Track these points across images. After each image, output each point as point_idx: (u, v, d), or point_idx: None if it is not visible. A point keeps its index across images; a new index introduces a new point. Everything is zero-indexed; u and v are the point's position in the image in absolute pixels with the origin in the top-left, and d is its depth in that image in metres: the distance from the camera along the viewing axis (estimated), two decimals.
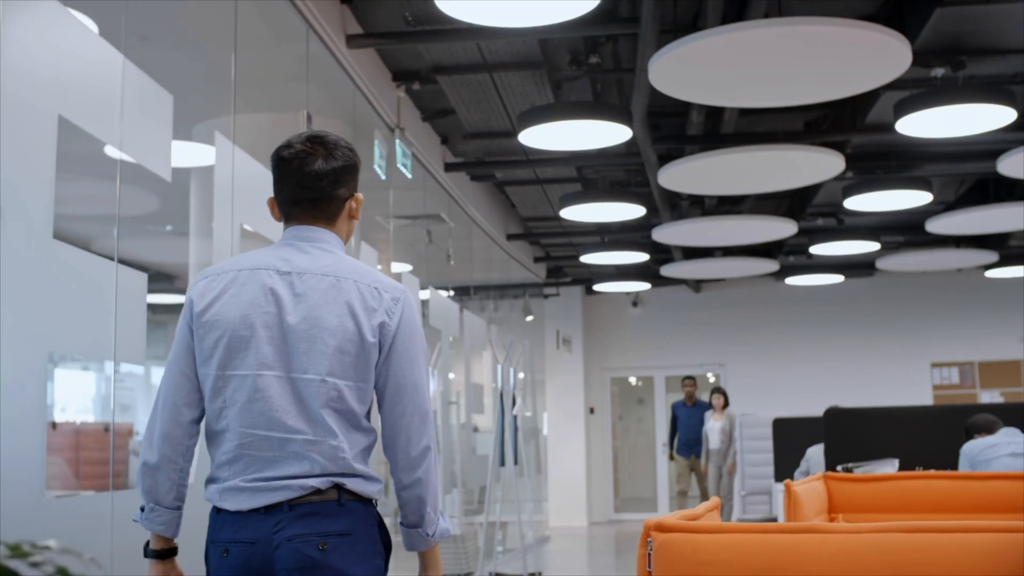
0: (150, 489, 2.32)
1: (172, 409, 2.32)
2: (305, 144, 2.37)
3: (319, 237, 2.37)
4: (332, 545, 2.22)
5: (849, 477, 4.85)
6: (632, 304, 16.04)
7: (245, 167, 4.41)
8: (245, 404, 2.26)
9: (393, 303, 2.33)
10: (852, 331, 15.46)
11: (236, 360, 2.28)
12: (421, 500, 2.35)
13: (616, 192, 8.86)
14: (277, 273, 2.32)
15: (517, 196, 10.18)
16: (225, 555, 2.25)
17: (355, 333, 2.28)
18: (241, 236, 4.28)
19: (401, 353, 2.33)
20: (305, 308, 2.29)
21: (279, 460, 2.24)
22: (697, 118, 7.85)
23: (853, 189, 8.74)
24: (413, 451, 2.33)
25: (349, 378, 2.28)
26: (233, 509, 2.25)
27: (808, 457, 8.62)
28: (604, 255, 11.14)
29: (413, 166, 7.87)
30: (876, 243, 10.95)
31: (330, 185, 2.36)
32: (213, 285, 2.34)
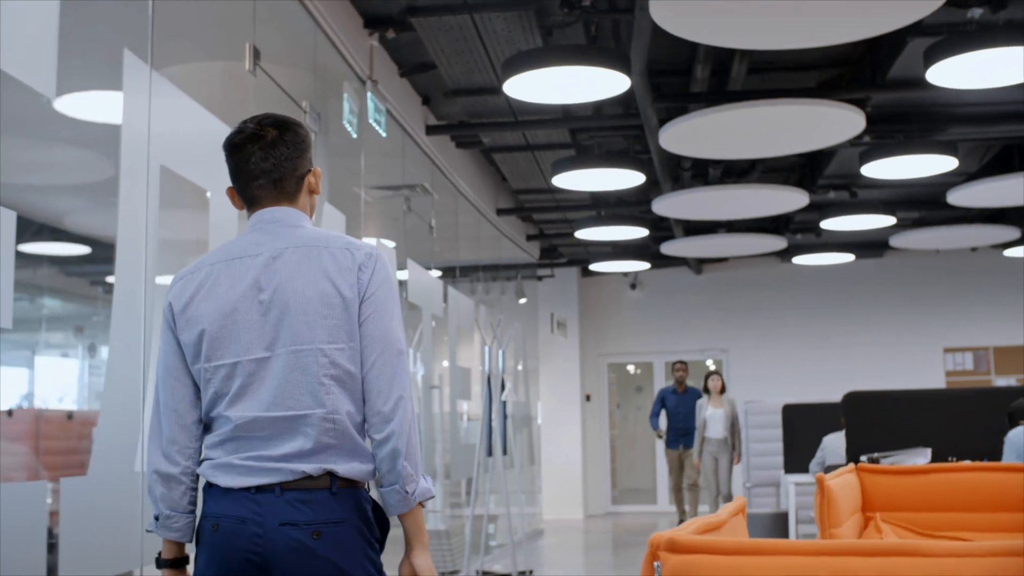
0: (163, 497, 2.34)
1: (173, 414, 2.34)
2: (256, 127, 2.37)
3: (283, 216, 2.38)
4: (326, 533, 2.21)
5: (884, 470, 4.15)
6: (630, 286, 15.32)
7: (166, 99, 3.68)
8: (237, 391, 2.27)
9: (366, 258, 2.33)
10: (861, 314, 14.76)
11: (221, 350, 2.29)
12: (395, 452, 2.27)
13: (613, 158, 8.12)
14: (250, 258, 2.33)
15: (507, 165, 9.43)
16: (215, 529, 2.24)
17: (335, 295, 2.28)
18: (160, 178, 3.55)
19: (371, 306, 2.32)
20: (279, 284, 2.29)
21: (273, 438, 2.25)
22: (702, 74, 7.13)
23: (871, 154, 8.02)
24: (386, 404, 2.29)
25: (339, 340, 2.28)
26: (224, 485, 2.24)
27: (824, 446, 7.93)
28: (601, 230, 10.40)
29: (390, 128, 7.15)
30: (892, 217, 10.21)
31: (287, 162, 2.37)
32: (188, 284, 2.36)
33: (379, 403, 2.30)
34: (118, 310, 3.24)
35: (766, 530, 8.80)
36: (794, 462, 8.79)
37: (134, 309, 3.34)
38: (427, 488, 2.32)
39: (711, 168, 9.54)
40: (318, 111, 5.52)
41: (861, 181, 10.33)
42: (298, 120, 2.45)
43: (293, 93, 5.31)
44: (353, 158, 6.71)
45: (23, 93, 2.89)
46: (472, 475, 8.69)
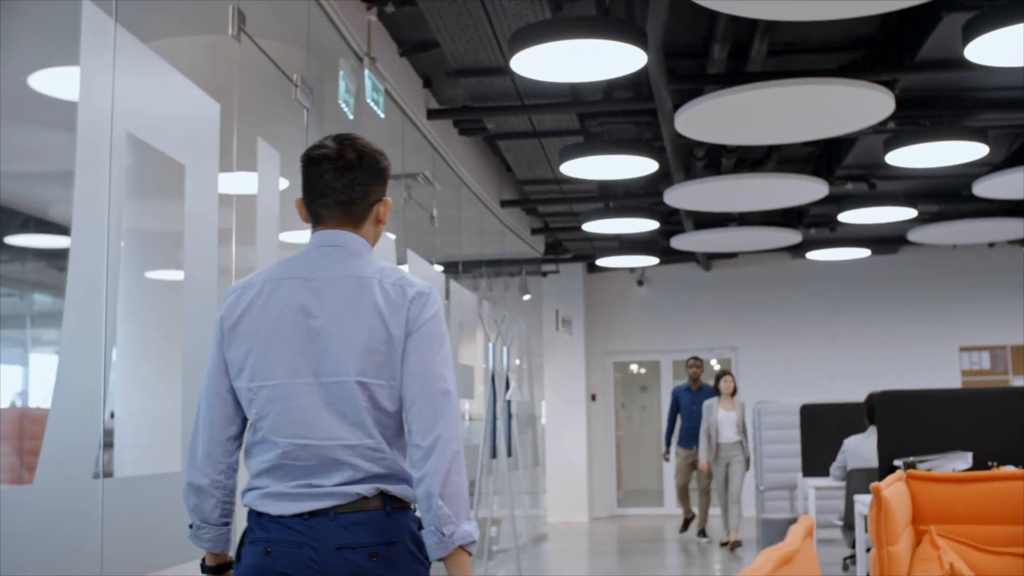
0: (195, 507, 2.36)
1: (210, 428, 2.35)
2: (336, 146, 2.36)
3: (345, 242, 2.37)
4: (382, 555, 2.22)
5: (935, 477, 3.73)
6: (637, 283, 14.91)
7: (133, 57, 3.27)
8: (279, 414, 2.27)
9: (417, 295, 2.31)
10: (874, 312, 14.35)
11: (265, 370, 2.29)
12: (429, 493, 2.23)
13: (624, 145, 7.71)
14: (303, 281, 2.32)
15: (512, 153, 9.01)
16: (267, 552, 2.23)
17: (383, 331, 2.27)
18: (128, 145, 3.14)
19: (419, 342, 2.30)
20: (331, 312, 2.28)
21: (319, 468, 2.25)
22: (719, 54, 6.73)
23: (897, 141, 7.59)
24: (424, 441, 2.25)
25: (381, 377, 2.27)
26: (275, 513, 2.24)
27: (845, 449, 7.52)
28: (608, 223, 9.98)
29: (389, 112, 6.74)
30: (912, 210, 9.79)
31: (359, 187, 2.36)
32: (240, 299, 2.35)
33: (417, 439, 2.27)
34: (72, 304, 2.83)
35: (783, 537, 8.37)
36: (812, 465, 8.39)
37: (92, 302, 2.92)
38: (468, 532, 2.23)
39: (724, 158, 9.13)
40: (311, 86, 5.12)
41: (880, 172, 9.92)
42: (381, 149, 2.44)
43: (284, 66, 4.90)
44: None
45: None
46: (475, 477, 8.31)
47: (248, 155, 4.20)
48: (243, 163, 4.18)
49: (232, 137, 4.07)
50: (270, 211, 4.36)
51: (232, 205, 4.42)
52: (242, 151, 4.13)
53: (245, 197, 4.38)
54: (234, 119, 4.07)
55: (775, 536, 8.46)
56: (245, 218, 4.38)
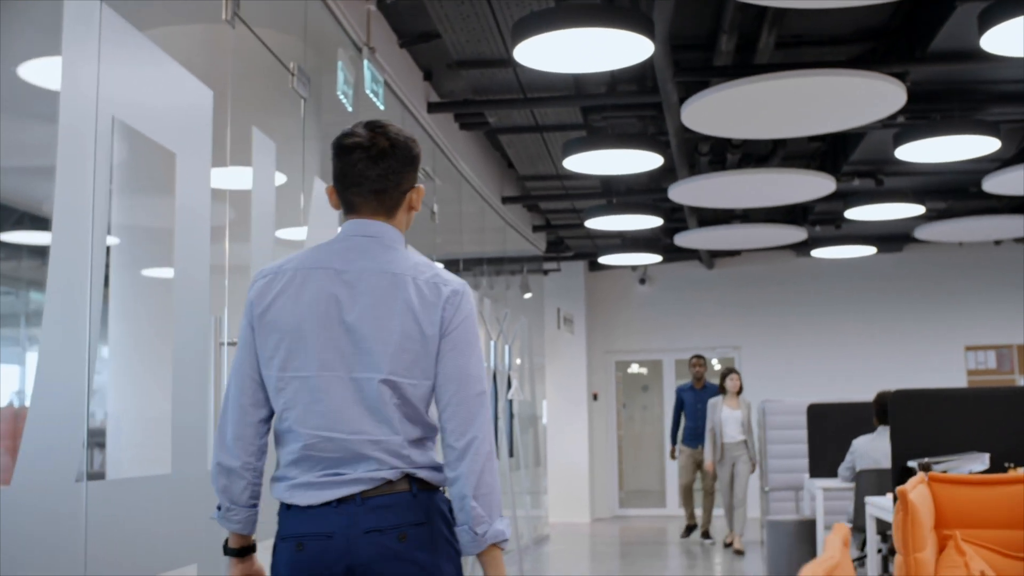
0: (225, 489, 2.36)
1: (240, 410, 2.34)
2: (367, 133, 2.35)
3: (379, 232, 2.36)
4: (411, 535, 2.22)
5: (956, 480, 3.58)
6: (639, 281, 14.75)
7: (120, 39, 3.11)
8: (307, 406, 2.27)
9: (453, 295, 2.31)
10: (878, 311, 14.19)
11: (297, 361, 2.28)
12: (463, 495, 2.26)
13: (629, 139, 7.55)
14: (335, 272, 2.31)
15: (514, 148, 8.86)
16: (300, 549, 2.24)
17: (415, 330, 2.27)
18: (114, 132, 2.99)
19: (453, 344, 2.31)
20: (364, 307, 2.28)
21: (345, 460, 2.26)
22: (727, 46, 6.58)
23: (906, 135, 7.44)
24: (458, 442, 2.27)
25: (411, 376, 2.27)
26: (304, 504, 2.25)
27: (854, 449, 7.36)
28: (611, 219, 9.82)
29: (389, 104, 6.59)
30: (920, 206, 9.64)
31: (392, 174, 2.35)
32: (272, 285, 2.34)
33: (451, 441, 2.29)
34: (53, 301, 2.67)
35: (790, 539, 8.23)
36: (820, 466, 8.23)
37: (74, 299, 2.76)
38: (500, 531, 2.27)
39: (729, 153, 8.99)
40: (308, 76, 4.96)
41: (888, 168, 9.78)
42: (413, 136, 2.42)
43: (280, 54, 4.75)
44: None
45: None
46: None
47: (243, 146, 4.05)
48: (237, 155, 4.02)
49: (226, 126, 3.92)
50: (265, 205, 4.21)
51: (225, 200, 4.28)
52: (236, 141, 3.98)
53: (239, 192, 4.23)
54: (227, 107, 3.92)
55: (782, 538, 8.31)
56: (240, 213, 4.24)
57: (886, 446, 7.20)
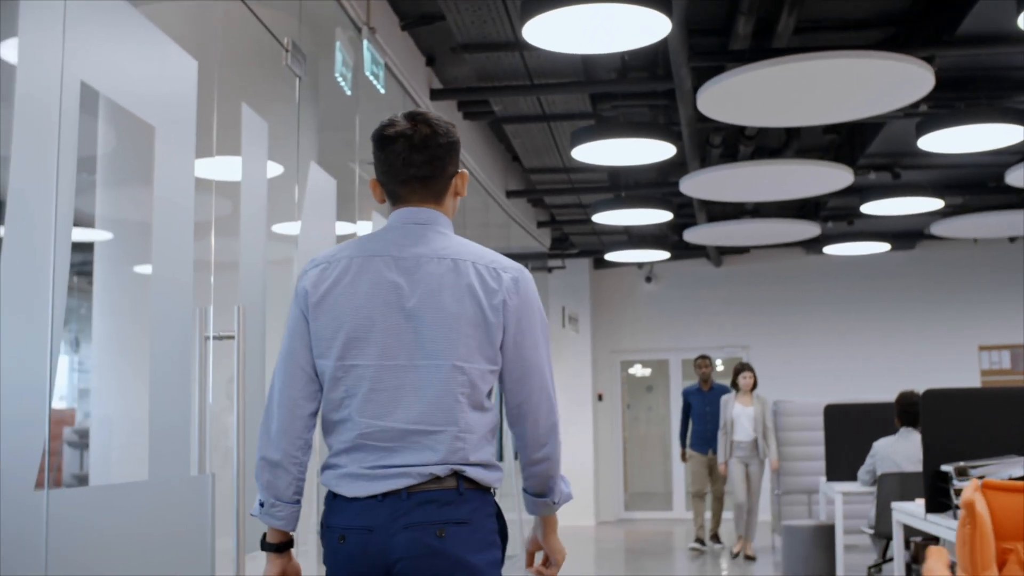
0: (269, 484, 2.32)
1: (289, 403, 2.31)
2: (408, 122, 2.35)
3: (431, 219, 2.36)
4: (450, 533, 2.21)
5: (1015, 487, 3.27)
6: (645, 279, 14.44)
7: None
8: (366, 395, 2.26)
9: (513, 283, 2.31)
10: (889, 310, 13.88)
11: (356, 350, 2.27)
12: (549, 475, 2.41)
13: (640, 127, 7.24)
14: (392, 259, 2.30)
15: (520, 139, 8.53)
16: (342, 541, 2.24)
17: (477, 315, 2.27)
18: (82, 100, 2.67)
19: (525, 333, 2.32)
20: (424, 293, 2.27)
21: (398, 449, 2.24)
22: (744, 29, 6.26)
23: (930, 124, 7.12)
24: (541, 429, 2.35)
25: (475, 360, 2.27)
26: (350, 495, 2.24)
27: (875, 452, 7.06)
28: (619, 213, 9.50)
29: (390, 89, 6.28)
30: (939, 200, 9.32)
31: (438, 162, 2.35)
32: (326, 274, 2.32)
33: (534, 429, 2.36)
34: (7, 293, 2.35)
35: (807, 545, 7.92)
36: (838, 469, 7.92)
37: (32, 290, 2.44)
38: (568, 493, 2.49)
39: (742, 145, 8.68)
40: (303, 53, 4.65)
41: (905, 161, 9.47)
42: (451, 122, 2.42)
43: (273, 29, 4.43)
44: (347, 126, 5.82)
45: None
46: None
47: (231, 125, 3.73)
48: (225, 133, 3.70)
49: (212, 102, 3.60)
50: (256, 187, 3.89)
51: (212, 190, 3.98)
52: (224, 118, 3.66)
53: (226, 184, 3.92)
54: (214, 81, 3.61)
55: (797, 545, 8.00)
56: (229, 200, 3.93)
57: (909, 448, 6.91)
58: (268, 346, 3.97)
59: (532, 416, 2.36)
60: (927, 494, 5.00)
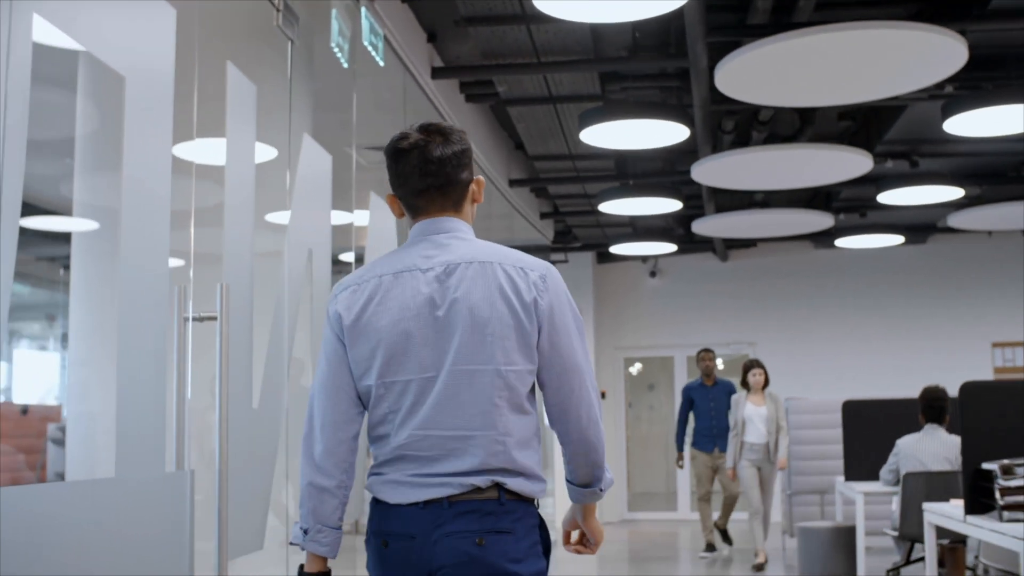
0: (314, 510, 2.32)
1: (332, 427, 2.32)
2: (421, 134, 2.36)
3: (452, 227, 2.37)
4: (490, 541, 2.22)
5: None
6: (650, 274, 14.09)
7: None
8: (408, 409, 2.27)
9: (541, 280, 2.32)
10: (900, 305, 13.54)
11: (395, 366, 2.28)
12: (595, 464, 2.40)
13: (652, 108, 6.88)
14: (420, 272, 2.31)
15: (524, 123, 8.16)
16: (384, 547, 2.27)
17: (509, 316, 2.27)
18: (56, 64, 2.31)
19: (560, 331, 2.31)
20: (455, 301, 2.27)
21: (440, 457, 2.26)
22: (763, 3, 5.92)
23: (956, 106, 6.77)
24: (584, 422, 2.34)
25: (512, 362, 2.27)
26: (392, 502, 2.27)
27: (898, 451, 6.71)
28: (626, 202, 9.15)
29: (390, 65, 5.93)
30: (960, 189, 8.97)
31: (454, 170, 2.35)
32: (358, 295, 2.33)
33: (572, 423, 2.34)
34: None
35: (825, 547, 7.57)
36: (856, 468, 7.58)
37: None
38: (611, 479, 2.47)
39: (755, 131, 8.34)
40: (296, 15, 4.29)
41: (924, 149, 9.13)
42: (463, 129, 2.44)
43: None
44: (344, 106, 5.46)
45: None
46: None
47: (213, 87, 3.37)
48: (209, 92, 3.34)
49: (193, 58, 3.24)
50: (243, 162, 3.53)
51: (192, 174, 3.63)
52: (207, 75, 3.30)
53: (208, 168, 3.57)
54: (195, 36, 3.25)
55: (815, 547, 7.65)
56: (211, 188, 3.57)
57: (934, 446, 6.56)
58: (256, 332, 3.62)
59: (574, 413, 2.33)
60: (966, 494, 4.65)
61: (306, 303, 4.26)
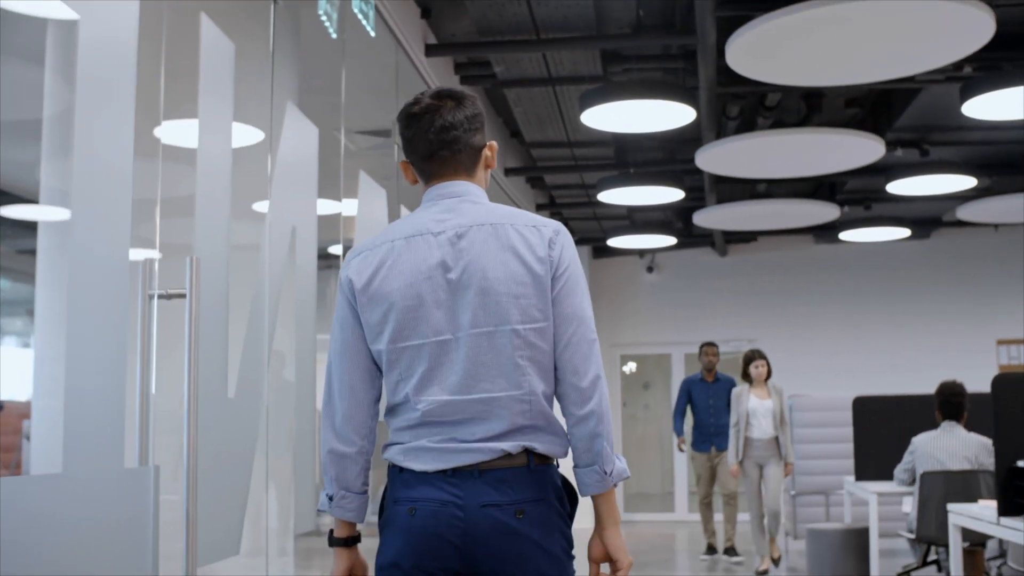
0: (337, 477, 2.32)
1: (350, 392, 2.32)
2: (433, 99, 2.35)
3: (464, 191, 2.36)
4: (528, 511, 2.21)
5: None
6: (647, 269, 13.77)
7: None
8: (424, 374, 2.25)
9: (554, 235, 2.30)
10: (903, 302, 13.24)
11: (407, 331, 2.26)
12: (595, 434, 2.27)
13: (655, 88, 6.55)
14: (432, 235, 2.30)
15: (522, 106, 7.82)
16: (412, 513, 2.22)
17: (525, 274, 2.26)
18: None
19: (562, 282, 2.29)
20: (468, 263, 2.26)
21: (466, 422, 2.23)
22: None
23: (977, 87, 6.45)
24: (583, 382, 2.25)
25: (533, 320, 2.24)
26: (419, 469, 2.23)
27: (914, 449, 6.39)
28: (626, 191, 8.82)
29: (381, 39, 5.61)
30: (972, 178, 8.66)
31: (466, 133, 2.35)
32: (369, 260, 2.32)
33: (575, 381, 2.26)
34: None
35: (835, 549, 7.24)
36: (867, 467, 7.26)
37: None
38: (623, 468, 2.32)
39: (760, 117, 8.03)
40: None
41: (934, 137, 8.83)
42: (474, 94, 2.40)
43: None
44: (332, 87, 5.12)
45: None
46: None
47: (186, 36, 3.02)
48: (178, 46, 3.00)
49: (160, 15, 2.90)
50: (219, 119, 3.18)
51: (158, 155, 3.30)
52: (176, 32, 2.95)
53: (177, 150, 3.23)
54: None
55: (825, 550, 7.32)
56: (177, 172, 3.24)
57: (953, 444, 6.25)
58: (234, 321, 3.28)
59: (571, 367, 2.25)
60: (1000, 495, 4.34)
61: (289, 293, 3.92)
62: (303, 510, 4.02)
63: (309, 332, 4.07)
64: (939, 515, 6.05)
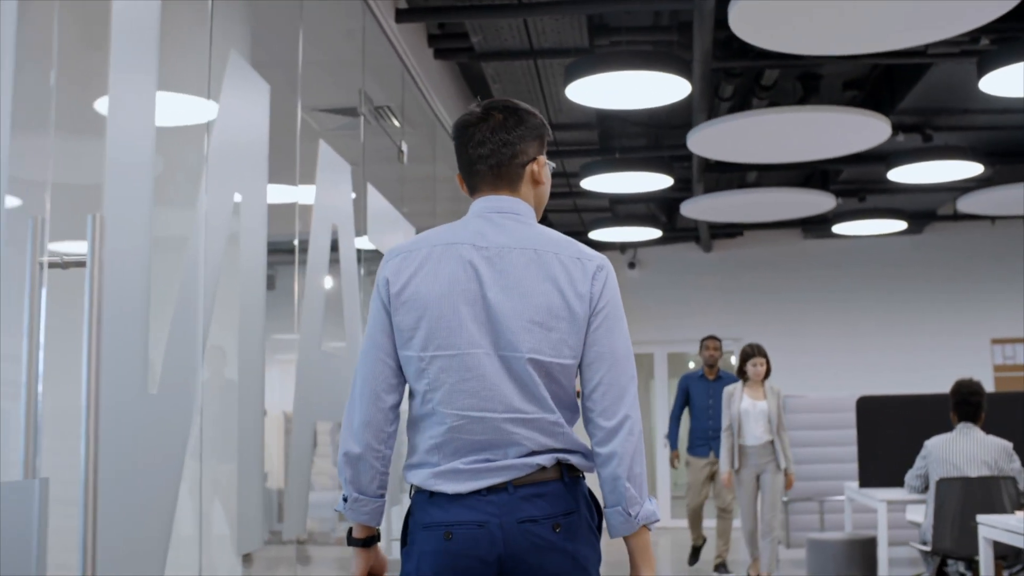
0: (352, 479, 2.31)
1: (371, 395, 2.29)
2: (482, 110, 2.34)
3: (511, 208, 2.32)
4: (564, 525, 2.21)
5: None
6: (628, 265, 13.24)
7: None
8: (454, 385, 2.22)
9: (597, 270, 2.28)
10: (894, 299, 12.80)
11: (439, 339, 2.23)
12: (615, 476, 2.22)
13: (648, 59, 6.01)
14: (474, 248, 2.26)
15: (500, 83, 7.23)
16: (449, 538, 2.20)
17: (563, 308, 2.23)
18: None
19: (604, 321, 2.27)
20: (507, 285, 2.23)
21: (495, 442, 2.20)
22: None
23: (993, 61, 5.95)
24: (609, 422, 2.23)
25: (559, 355, 2.22)
26: (452, 492, 2.20)
27: (927, 453, 5.89)
28: (611, 177, 8.28)
29: (347, 6, 5.05)
30: (979, 165, 8.17)
31: (505, 147, 2.31)
32: (407, 263, 2.29)
33: (602, 421, 2.22)
34: None
35: (839, 560, 6.72)
36: (871, 471, 6.75)
37: None
38: (652, 511, 2.24)
39: (756, 98, 7.52)
40: None
41: (937, 121, 8.35)
42: (532, 108, 2.37)
43: None
44: (289, 57, 4.53)
45: None
46: None
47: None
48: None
49: None
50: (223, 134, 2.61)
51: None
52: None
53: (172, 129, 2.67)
54: None
55: (827, 561, 6.79)
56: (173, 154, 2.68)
57: (970, 448, 5.75)
58: (155, 296, 2.70)
59: (600, 407, 2.22)
60: None
61: (231, 286, 3.34)
62: (249, 525, 3.45)
63: (256, 330, 3.52)
64: (957, 525, 5.54)
